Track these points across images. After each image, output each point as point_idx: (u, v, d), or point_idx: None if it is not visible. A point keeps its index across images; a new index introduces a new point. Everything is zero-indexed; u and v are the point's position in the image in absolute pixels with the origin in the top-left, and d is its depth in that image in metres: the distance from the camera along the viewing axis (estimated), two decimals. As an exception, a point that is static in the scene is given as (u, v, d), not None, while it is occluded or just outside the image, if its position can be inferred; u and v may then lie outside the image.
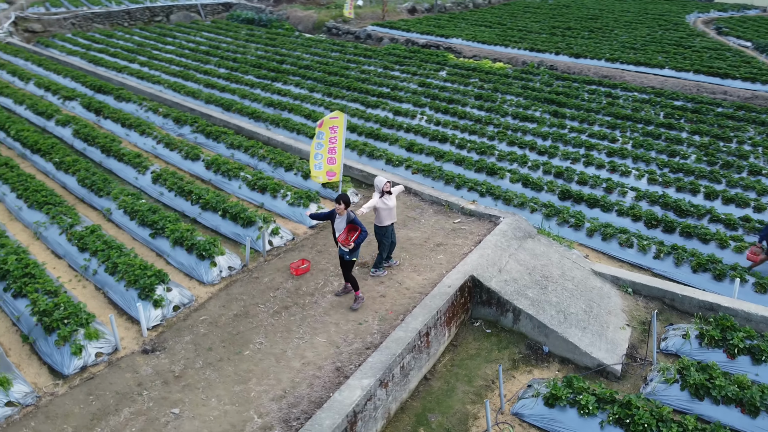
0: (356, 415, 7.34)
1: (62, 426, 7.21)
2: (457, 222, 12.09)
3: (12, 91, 20.60)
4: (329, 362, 8.17)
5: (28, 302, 9.11)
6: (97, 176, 13.53)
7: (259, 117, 20.07)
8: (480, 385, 8.90)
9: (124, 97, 20.22)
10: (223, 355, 8.37)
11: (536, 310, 9.75)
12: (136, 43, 32.66)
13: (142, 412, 7.39)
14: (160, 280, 9.59)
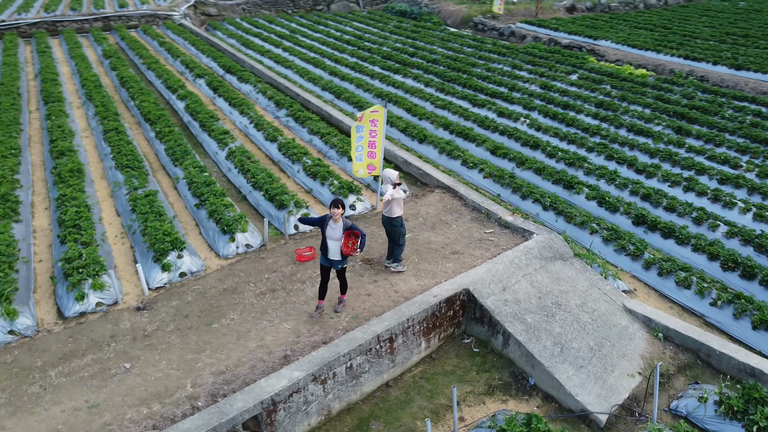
0: (276, 404, 7.40)
1: (35, 359, 8.20)
2: (488, 232, 11.46)
3: (158, 67, 23.24)
4: (282, 349, 8.30)
5: (66, 249, 10.38)
6: (180, 147, 14.87)
7: (362, 107, 20.54)
8: (440, 403, 8.46)
9: (244, 78, 21.85)
10: (194, 324, 8.88)
11: (528, 337, 8.98)
12: (289, 30, 34.93)
13: (101, 361, 8.13)
14: (175, 247, 10.37)
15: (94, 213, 12.03)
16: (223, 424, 6.96)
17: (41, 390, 7.63)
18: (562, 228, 13.08)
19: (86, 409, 7.31)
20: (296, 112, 17.84)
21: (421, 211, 12.30)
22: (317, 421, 8.07)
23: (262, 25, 35.96)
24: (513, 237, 11.26)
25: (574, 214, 13.16)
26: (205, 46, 27.05)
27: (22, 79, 22.08)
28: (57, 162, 14.04)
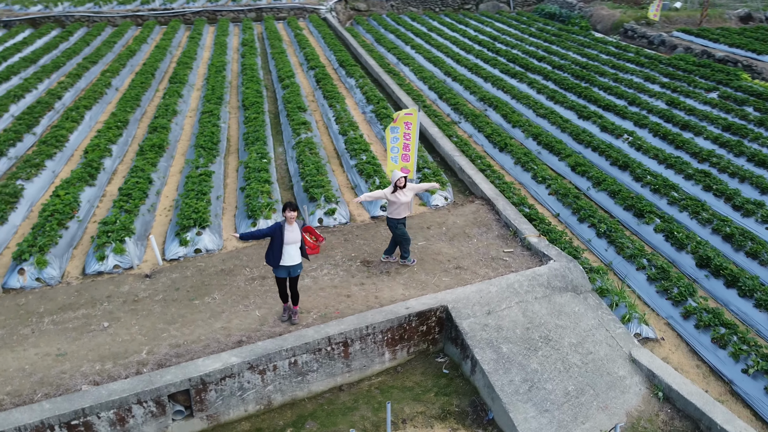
0: (206, 384, 7.74)
1: (40, 305, 9.37)
2: (506, 251, 10.80)
3: (281, 57, 24.72)
4: (240, 334, 8.62)
5: (110, 214, 11.64)
6: (256, 133, 15.83)
7: (459, 110, 20.30)
8: (383, 417, 8.24)
9: (350, 72, 22.51)
10: (179, 297, 9.53)
11: (495, 367, 8.40)
12: (428, 27, 35.12)
13: (88, 316, 9.07)
14: (197, 225, 11.15)
15: (155, 185, 13.27)
16: (147, 392, 7.43)
17: (30, 333, 8.71)
18: (611, 259, 11.89)
19: (54, 356, 8.21)
20: (380, 109, 18.04)
21: (448, 221, 11.90)
22: (255, 409, 8.27)
23: (403, 22, 36.56)
24: (529, 260, 10.49)
25: (626, 245, 11.88)
26: (333, 39, 28.21)
27: (165, 62, 24.78)
28: (147, 137, 15.65)
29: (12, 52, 25.20)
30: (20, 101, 18.98)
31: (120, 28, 31.09)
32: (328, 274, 10.07)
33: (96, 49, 26.22)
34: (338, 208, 12.17)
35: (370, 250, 10.81)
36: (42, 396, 7.47)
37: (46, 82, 21.39)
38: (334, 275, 10.04)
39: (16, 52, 25.48)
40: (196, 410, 7.84)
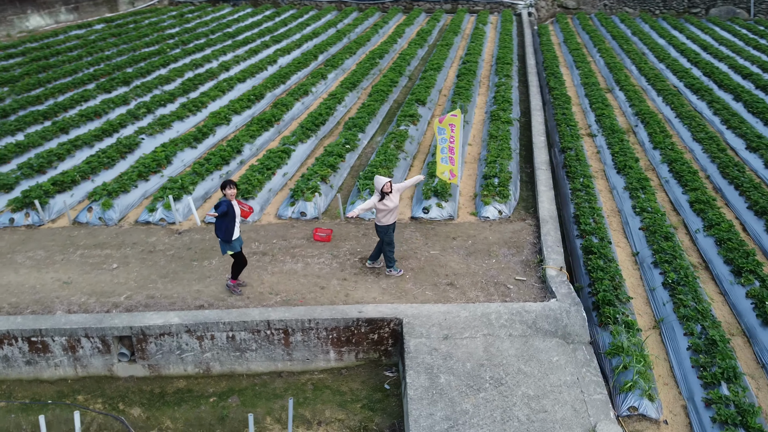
0: (146, 336, 8.45)
1: (85, 240, 10.97)
2: (517, 279, 9.74)
3: (445, 45, 24.72)
4: (205, 299, 9.18)
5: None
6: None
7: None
8: (301, 414, 8.19)
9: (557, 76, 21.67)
10: (184, 256, 10.41)
11: (421, 396, 7.77)
12: (636, 32, 31.89)
13: (108, 256, 10.41)
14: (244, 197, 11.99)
15: (241, 155, 14.47)
16: (94, 329, 8.37)
17: (59, 260, 10.29)
18: (664, 315, 9.99)
19: (61, 282, 9.62)
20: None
21: (480, 236, 11.05)
22: (194, 371, 8.77)
23: (609, 24, 33.64)
24: (535, 293, 9.32)
25: (687, 302, 9.86)
26: (506, 38, 27.26)
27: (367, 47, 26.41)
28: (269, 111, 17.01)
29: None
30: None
31: (322, 11, 33.78)
32: (321, 264, 10.10)
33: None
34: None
35: (363, 246, 10.53)
36: (29, 311, 8.84)
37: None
38: (326, 266, 10.04)
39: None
40: (138, 357, 8.59)
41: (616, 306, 9.66)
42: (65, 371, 8.65)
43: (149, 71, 21.47)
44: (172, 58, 23.20)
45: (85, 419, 8.13)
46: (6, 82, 19.92)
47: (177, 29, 29.19)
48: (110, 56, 23.50)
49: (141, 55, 23.49)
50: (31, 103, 17.89)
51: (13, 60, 23.07)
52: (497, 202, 12.08)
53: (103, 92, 19.13)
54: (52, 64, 22.08)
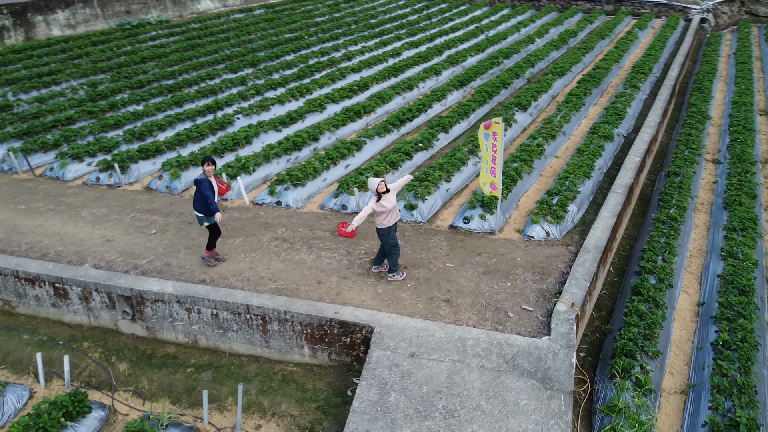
0: (143, 300, 9.12)
1: (143, 205, 12.03)
2: (524, 307, 8.90)
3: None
4: (211, 274, 9.61)
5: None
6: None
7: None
8: (262, 401, 8.33)
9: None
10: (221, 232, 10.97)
11: (365, 409, 7.51)
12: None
13: (154, 222, 11.32)
14: (292, 180, 12.36)
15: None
16: (103, 285, 9.20)
17: (114, 219, 11.41)
18: (699, 380, 8.57)
19: (104, 240, 10.69)
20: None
21: (508, 256, 10.25)
22: (183, 340, 9.27)
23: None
24: (534, 326, 8.47)
25: (727, 370, 8.34)
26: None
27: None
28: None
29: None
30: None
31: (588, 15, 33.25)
32: (331, 259, 10.08)
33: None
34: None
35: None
36: (66, 261, 9.96)
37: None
38: (335, 261, 10.00)
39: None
40: (137, 317, 9.28)
41: (636, 358, 8.46)
42: (81, 318, 9.60)
43: (278, 56, 22.77)
44: (305, 44, 24.35)
45: (81, 364, 8.98)
46: (158, 57, 22.35)
47: (325, 17, 30.54)
48: (252, 39, 25.31)
49: (279, 40, 24.99)
50: (166, 77, 19.91)
51: (173, 38, 25.81)
52: (548, 223, 11.08)
53: (229, 72, 20.68)
54: (200, 43, 24.35)
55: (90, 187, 12.90)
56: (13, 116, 16.00)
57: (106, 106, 16.85)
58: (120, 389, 8.64)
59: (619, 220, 11.63)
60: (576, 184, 12.37)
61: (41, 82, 19.00)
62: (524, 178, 13.09)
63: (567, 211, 11.45)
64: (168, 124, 15.67)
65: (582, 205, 12.08)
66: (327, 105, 17.40)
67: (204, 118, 16.46)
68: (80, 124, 15.78)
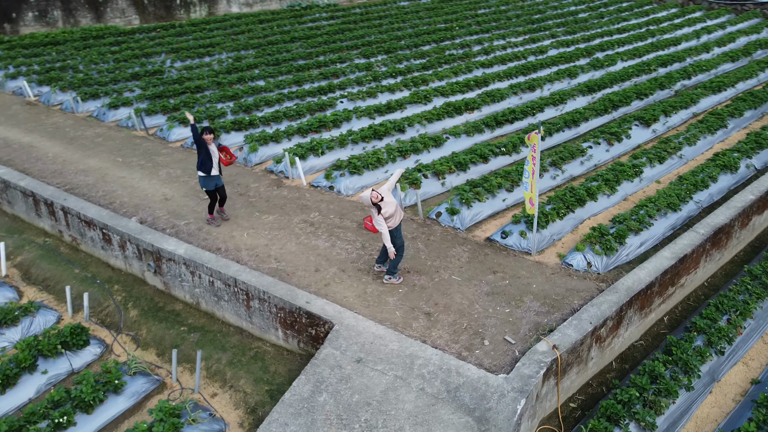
0: (160, 256, 9.95)
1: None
2: (507, 339, 8.10)
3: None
4: (230, 244, 10.18)
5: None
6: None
7: None
8: (219, 371, 8.72)
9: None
10: (259, 208, 11.44)
11: (292, 402, 7.47)
12: None
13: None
14: (346, 168, 12.51)
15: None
16: (134, 238, 10.19)
17: (183, 181, 12.49)
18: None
19: (163, 198, 11.76)
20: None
21: (525, 280, 9.34)
22: (189, 301, 9.95)
23: None
24: (504, 361, 7.68)
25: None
26: None
27: None
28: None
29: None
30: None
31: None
32: (343, 250, 10.04)
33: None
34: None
35: (413, 255, 9.89)
36: (123, 212, 11.20)
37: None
38: (346, 253, 9.94)
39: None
40: (157, 271, 10.15)
41: (620, 425, 7.31)
42: (120, 264, 10.76)
43: (416, 45, 22.83)
44: (449, 36, 24.06)
45: (105, 303, 10.10)
46: (306, 38, 23.70)
47: (489, 9, 29.79)
48: (402, 27, 25.67)
49: (427, 30, 25.02)
50: (303, 57, 21.06)
51: (330, 21, 27.14)
52: (593, 253, 9.83)
53: (361, 57, 21.25)
54: (350, 28, 25.31)
55: (182, 150, 14.22)
56: (157, 80, 18.15)
57: (234, 79, 18.34)
58: (123, 332, 9.54)
59: (689, 264, 9.91)
60: (651, 215, 10.76)
61: (197, 53, 21.23)
62: (599, 199, 11.69)
63: (623, 244, 10.04)
64: (276, 101, 16.61)
65: (650, 239, 10.50)
66: (434, 98, 17.09)
67: (312, 99, 17.12)
68: (206, 93, 17.37)
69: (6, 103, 17.28)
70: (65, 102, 16.93)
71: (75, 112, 16.64)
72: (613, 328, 8.52)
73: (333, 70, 19.39)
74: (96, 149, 13.91)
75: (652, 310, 9.42)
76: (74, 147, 14.10)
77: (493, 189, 11.67)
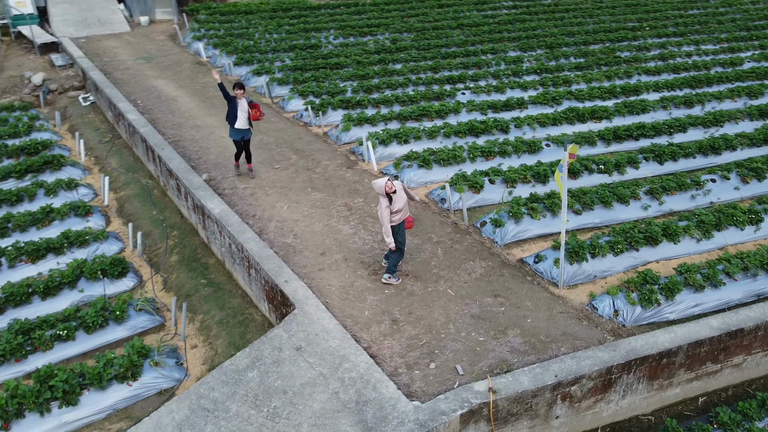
0: (203, 210, 10.87)
1: (304, 137, 13.66)
2: (456, 366, 7.45)
3: None
4: (266, 214, 10.77)
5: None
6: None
7: None
8: (213, 324, 9.35)
9: None
10: (316, 185, 11.81)
11: (227, 371, 7.80)
12: None
13: (288, 159, 12.81)
14: (420, 161, 12.25)
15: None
16: (192, 192, 11.22)
17: (265, 148, 13.34)
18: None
19: (243, 161, 12.73)
20: None
21: (524, 311, 8.35)
22: (219, 258, 10.71)
23: None
24: (433, 388, 7.09)
25: None
26: None
27: None
28: None
29: None
30: None
31: None
32: (363, 239, 9.93)
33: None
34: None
35: (425, 260, 9.46)
36: (203, 167, 12.36)
37: None
38: (361, 242, 9.84)
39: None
40: (203, 226, 11.09)
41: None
42: (187, 214, 11.92)
43: (585, 43, 21.01)
44: (630, 36, 21.69)
45: (159, 244, 11.33)
46: (474, 25, 23.19)
47: (701, 11, 26.12)
48: (585, 23, 23.75)
49: (612, 27, 22.84)
50: (457, 44, 20.71)
51: (513, 10, 26.08)
52: (626, 300, 8.43)
53: (517, 50, 20.24)
54: (525, 19, 24.15)
55: (289, 121, 15.07)
56: (308, 54, 19.34)
57: (375, 59, 18.76)
58: (160, 273, 10.65)
59: (750, 342, 7.97)
60: (731, 273, 8.82)
61: (360, 32, 22.06)
62: (681, 241, 9.87)
63: (670, 299, 8.42)
64: (399, 85, 16.66)
65: (715, 302, 8.63)
66: (565, 101, 15.69)
67: (435, 87, 16.83)
68: (343, 70, 18.05)
69: (182, 61, 19.87)
70: (225, 66, 18.91)
71: (228, 75, 18.52)
72: (597, 391, 7.25)
73: (476, 61, 18.76)
74: (219, 110, 15.39)
75: (675, 385, 7.78)
76: (204, 105, 15.77)
77: (556, 208, 10.47)
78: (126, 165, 14.37)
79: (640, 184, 11.40)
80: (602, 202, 10.75)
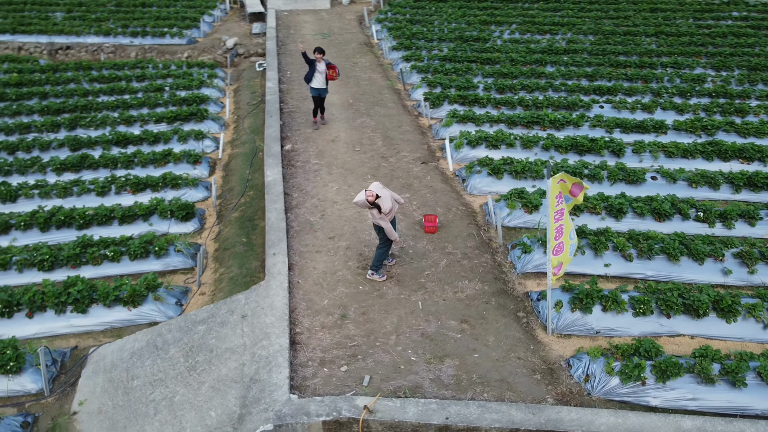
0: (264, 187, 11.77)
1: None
2: (363, 376, 7.21)
3: None
4: (315, 190, 11.30)
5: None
6: None
7: None
8: (242, 279, 10.24)
9: None
10: (396, 175, 12.01)
11: (177, 325, 8.62)
12: None
13: (373, 142, 13.13)
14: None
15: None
16: (265, 159, 12.22)
17: (354, 126, 13.74)
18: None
19: (332, 139, 13.34)
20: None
21: (482, 348, 7.63)
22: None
23: None
24: (323, 390, 7.01)
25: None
26: None
27: None
28: None
29: None
30: None
31: None
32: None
33: None
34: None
35: (422, 268, 9.12)
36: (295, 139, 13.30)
37: None
38: (375, 235, 9.85)
39: None
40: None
41: None
42: (267, 177, 12.96)
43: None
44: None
45: (236, 200, 12.56)
46: (677, 35, 20.52)
47: None
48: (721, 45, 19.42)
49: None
50: (644, 53, 18.60)
51: (741, 22, 22.37)
52: (604, 368, 7.23)
53: (708, 68, 17.49)
54: (750, 33, 20.54)
55: (402, 107, 15.16)
56: (467, 46, 19.05)
57: (531, 59, 17.76)
58: (221, 224, 11.84)
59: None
60: (765, 375, 6.95)
61: (539, 29, 20.79)
62: (741, 321, 7.97)
63: (661, 383, 6.98)
64: (538, 88, 15.65)
65: (722, 401, 6.90)
66: (718, 131, 13.28)
67: (573, 96, 15.44)
68: (489, 66, 17.46)
69: (354, 40, 21.04)
70: (384, 49, 19.63)
71: (386, 58, 19.20)
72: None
73: (645, 74, 16.65)
74: (348, 89, 16.11)
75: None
76: (338, 83, 16.62)
77: (600, 247, 9.16)
78: (254, 127, 15.91)
79: (733, 243, 9.31)
80: (665, 253, 9.06)
